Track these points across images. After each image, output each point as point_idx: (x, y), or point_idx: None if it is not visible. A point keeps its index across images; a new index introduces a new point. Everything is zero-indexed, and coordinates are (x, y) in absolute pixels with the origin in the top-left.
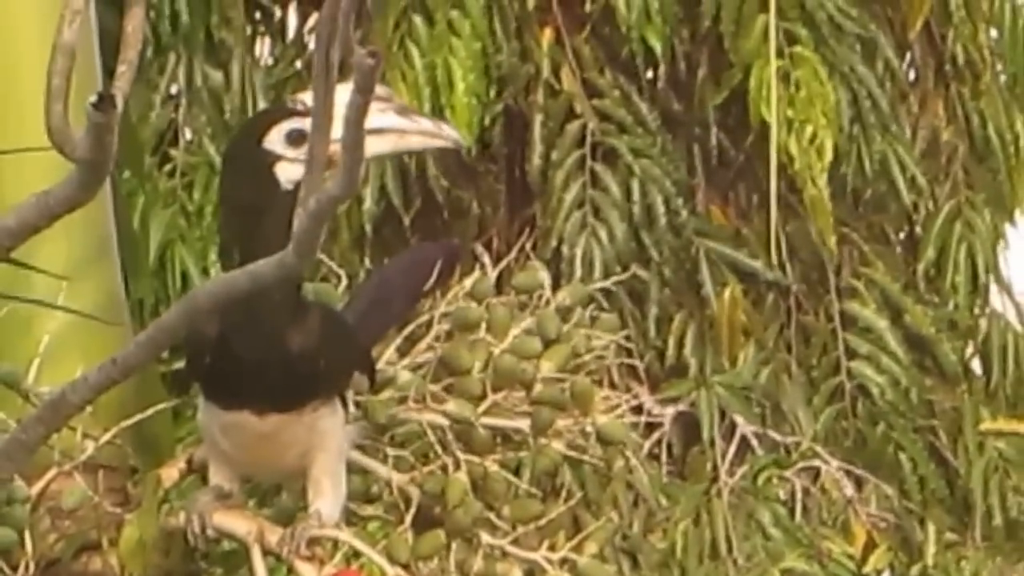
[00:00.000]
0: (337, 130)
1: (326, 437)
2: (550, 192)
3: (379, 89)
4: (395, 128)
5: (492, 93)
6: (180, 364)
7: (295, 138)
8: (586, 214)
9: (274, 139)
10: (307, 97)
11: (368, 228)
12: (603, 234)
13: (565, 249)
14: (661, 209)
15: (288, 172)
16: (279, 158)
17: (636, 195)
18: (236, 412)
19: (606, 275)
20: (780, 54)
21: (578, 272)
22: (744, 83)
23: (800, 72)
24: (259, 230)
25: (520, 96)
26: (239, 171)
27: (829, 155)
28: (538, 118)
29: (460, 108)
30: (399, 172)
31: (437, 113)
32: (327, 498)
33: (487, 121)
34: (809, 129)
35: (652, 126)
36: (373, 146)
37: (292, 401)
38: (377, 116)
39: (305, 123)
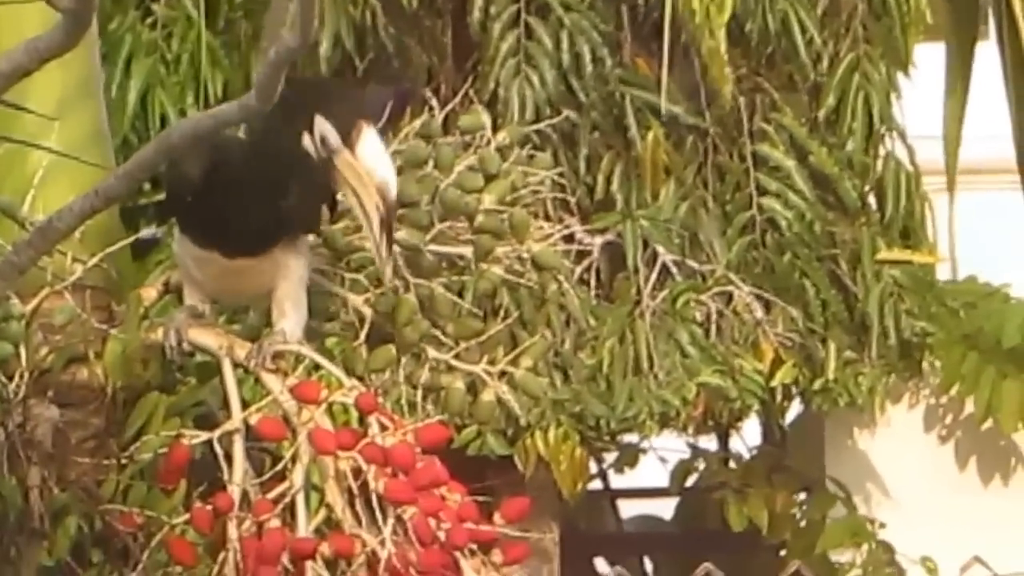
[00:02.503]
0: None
1: (290, 268)
2: (488, 42)
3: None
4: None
5: None
6: (161, 196)
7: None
8: (520, 62)
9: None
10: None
11: (325, 74)
12: (535, 80)
13: (501, 92)
14: (588, 58)
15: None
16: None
17: (565, 45)
18: (208, 251)
19: (537, 117)
20: None
21: (513, 114)
22: None
23: None
24: None
25: None
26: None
27: (727, 13)
28: None
29: None
30: (351, 24)
31: None
32: (290, 318)
33: None
34: None
35: None
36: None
37: (259, 247)
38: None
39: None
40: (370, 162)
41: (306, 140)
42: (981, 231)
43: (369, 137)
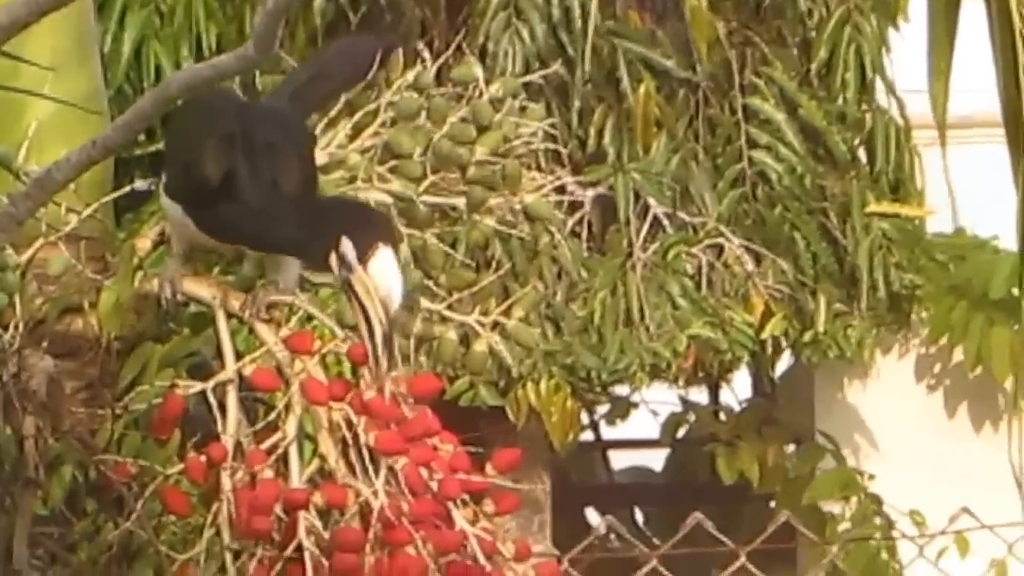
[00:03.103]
0: None
1: None
2: None
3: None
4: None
5: None
6: (155, 148)
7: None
8: (510, 15)
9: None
10: None
11: (320, 27)
12: (524, 33)
13: (491, 45)
14: (577, 12)
15: None
16: None
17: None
18: (204, 230)
19: (526, 70)
20: None
21: (504, 66)
22: None
23: None
24: None
25: None
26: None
27: None
28: None
29: None
30: None
31: None
32: (283, 269)
33: None
34: None
35: None
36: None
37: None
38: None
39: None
40: (378, 277)
41: (332, 261)
42: (972, 185)
43: (382, 256)
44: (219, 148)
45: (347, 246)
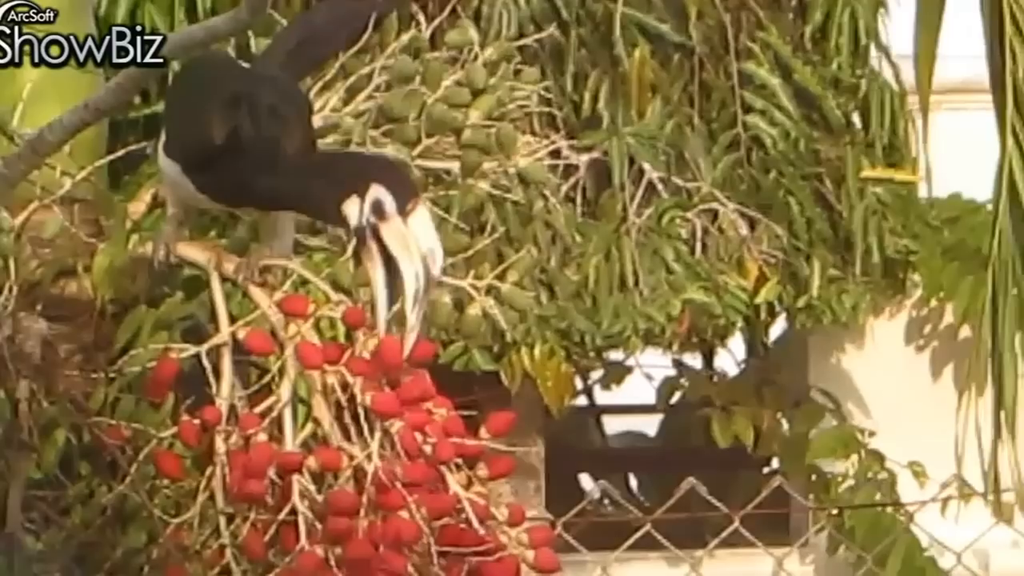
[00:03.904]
0: None
1: None
2: None
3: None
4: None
5: None
6: (149, 111)
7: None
8: None
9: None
10: None
11: None
12: None
13: (485, 8)
14: None
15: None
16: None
17: None
18: (203, 192)
19: (521, 34)
20: None
21: (499, 29)
22: None
23: None
24: None
25: None
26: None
27: None
28: None
29: None
30: None
31: None
32: (278, 233)
33: None
34: None
35: None
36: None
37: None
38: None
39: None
40: (420, 233)
41: (350, 203)
42: (968, 150)
43: (423, 212)
44: (224, 111)
45: (382, 193)
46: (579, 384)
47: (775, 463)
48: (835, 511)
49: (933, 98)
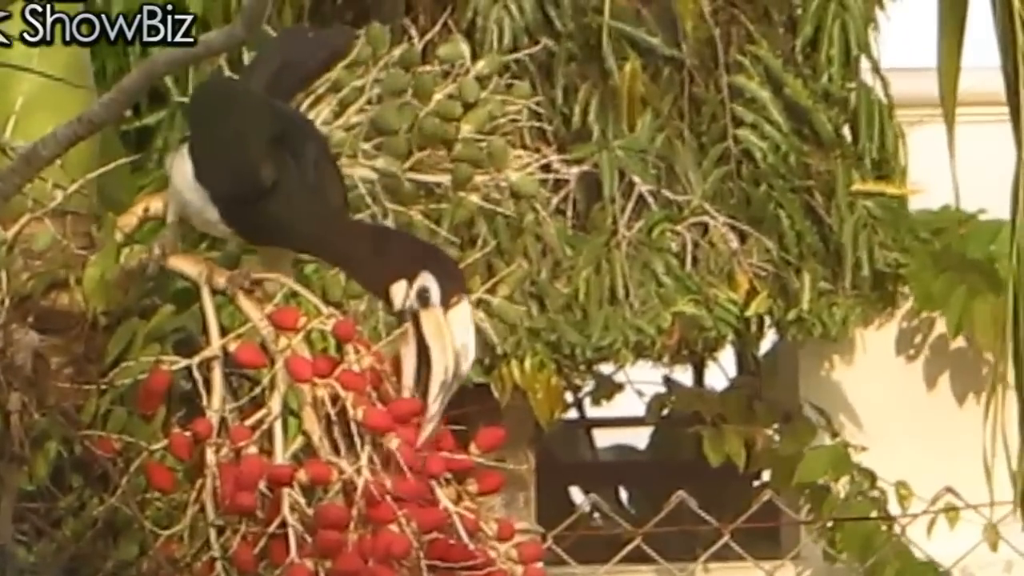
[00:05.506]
0: None
1: None
2: None
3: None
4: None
5: None
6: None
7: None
8: None
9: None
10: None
11: (307, 4)
12: (513, 8)
13: (480, 20)
14: None
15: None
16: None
17: None
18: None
19: (515, 47)
20: None
21: (492, 43)
22: None
23: None
24: None
25: None
26: None
27: None
28: None
29: None
30: None
31: None
32: (280, 263)
33: None
34: None
35: None
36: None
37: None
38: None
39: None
40: (457, 327)
41: (398, 286)
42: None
43: (464, 307)
44: (272, 152)
45: (430, 281)
46: (569, 398)
47: (766, 475)
48: (828, 524)
49: (926, 111)
